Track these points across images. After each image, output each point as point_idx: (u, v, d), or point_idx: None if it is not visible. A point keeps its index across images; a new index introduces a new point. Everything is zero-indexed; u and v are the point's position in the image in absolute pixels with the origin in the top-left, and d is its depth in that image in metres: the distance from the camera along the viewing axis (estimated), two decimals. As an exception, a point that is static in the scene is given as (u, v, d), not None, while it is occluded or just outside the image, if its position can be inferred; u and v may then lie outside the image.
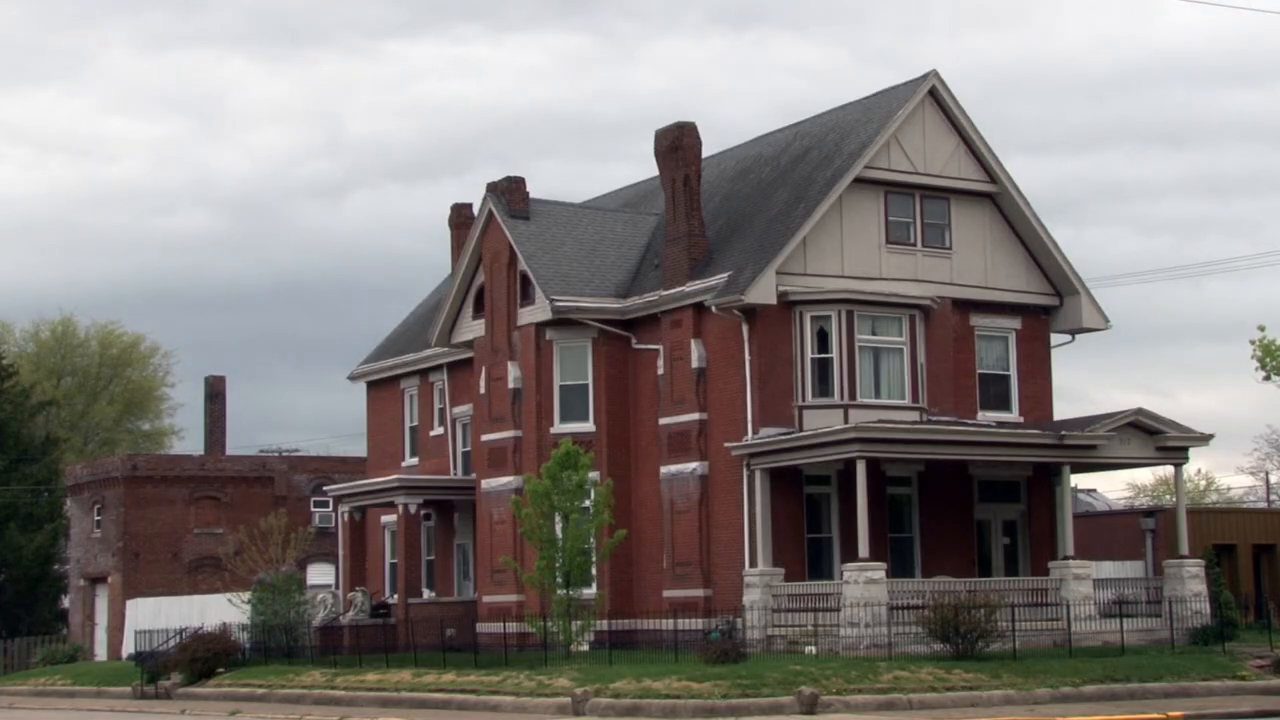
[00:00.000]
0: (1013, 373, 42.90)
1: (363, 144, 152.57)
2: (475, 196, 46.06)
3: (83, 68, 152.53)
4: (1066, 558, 38.53)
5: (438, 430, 50.91)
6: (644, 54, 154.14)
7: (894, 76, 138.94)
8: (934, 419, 39.81)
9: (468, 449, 48.53)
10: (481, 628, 43.55)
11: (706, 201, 43.80)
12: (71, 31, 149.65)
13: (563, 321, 43.32)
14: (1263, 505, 74.66)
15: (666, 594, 40.96)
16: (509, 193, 45.22)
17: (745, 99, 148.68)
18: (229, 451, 72.30)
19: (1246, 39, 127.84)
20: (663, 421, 42.03)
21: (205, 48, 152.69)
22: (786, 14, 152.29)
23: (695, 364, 41.07)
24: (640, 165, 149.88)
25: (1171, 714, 28.15)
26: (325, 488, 60.82)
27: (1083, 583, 38.00)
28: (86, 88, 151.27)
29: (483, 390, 45.50)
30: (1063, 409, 43.65)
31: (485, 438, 45.34)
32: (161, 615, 54.99)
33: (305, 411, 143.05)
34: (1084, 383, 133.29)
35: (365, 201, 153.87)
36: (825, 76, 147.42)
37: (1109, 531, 47.74)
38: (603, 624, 38.68)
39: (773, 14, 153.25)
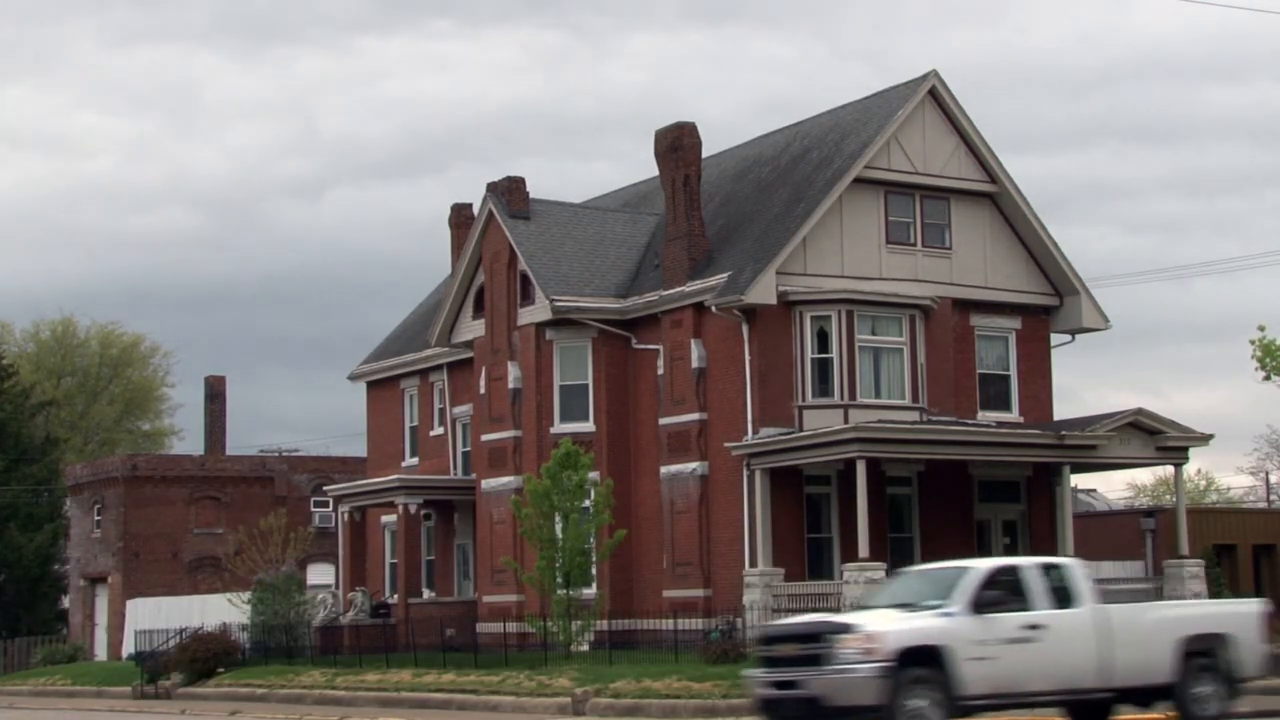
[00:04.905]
0: (1013, 373, 42.90)
1: (337, 141, 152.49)
2: (455, 194, 46.75)
3: (52, 63, 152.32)
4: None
5: (438, 430, 50.92)
6: (617, 50, 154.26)
7: (872, 73, 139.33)
8: (934, 419, 39.81)
9: (468, 449, 48.54)
10: (481, 628, 43.55)
11: (706, 201, 43.81)
12: (39, 26, 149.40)
13: (563, 321, 43.33)
14: (1263, 505, 74.68)
15: (666, 594, 40.96)
16: (509, 193, 45.23)
17: (723, 95, 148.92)
18: (228, 451, 72.33)
19: (1224, 35, 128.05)
20: (663, 421, 42.03)
21: (174, 43, 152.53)
22: (761, 9, 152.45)
23: (695, 364, 41.07)
24: (619, 163, 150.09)
25: (1171, 714, 28.13)
26: (325, 488, 60.79)
27: (1083, 583, 37.95)
28: (57, 84, 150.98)
29: (483, 390, 45.51)
30: (1057, 409, 43.69)
31: (485, 438, 45.35)
32: (161, 615, 54.98)
33: (293, 411, 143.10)
34: (1077, 382, 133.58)
35: (343, 199, 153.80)
36: (803, 72, 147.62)
37: (1109, 531, 47.73)
38: (603, 624, 38.66)
39: (747, 8, 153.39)
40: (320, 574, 60.39)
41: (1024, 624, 22.05)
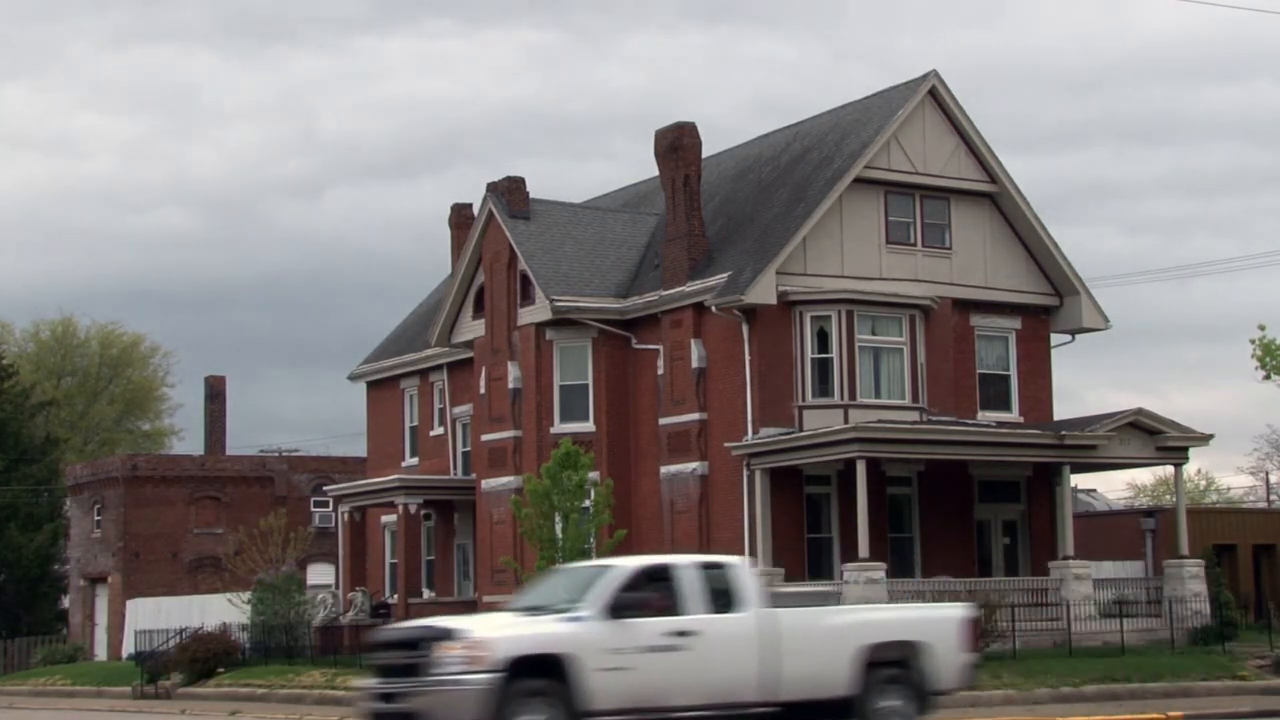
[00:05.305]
0: (1013, 373, 42.90)
1: (336, 141, 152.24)
2: (454, 194, 46.73)
3: (51, 63, 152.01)
4: (1066, 558, 38.52)
5: (438, 430, 50.92)
6: (616, 50, 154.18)
7: (872, 73, 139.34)
8: (934, 419, 39.81)
9: (468, 449, 48.54)
10: (481, 628, 43.50)
11: (706, 201, 43.81)
12: (37, 26, 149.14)
13: (563, 321, 43.33)
14: (1263, 505, 74.68)
15: (666, 594, 40.88)
16: (509, 193, 45.23)
17: (723, 95, 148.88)
18: (228, 451, 72.33)
19: (1223, 35, 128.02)
20: (663, 421, 42.03)
21: (172, 43, 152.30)
22: (761, 9, 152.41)
23: (695, 364, 41.07)
24: (619, 163, 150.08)
25: (1172, 714, 28.16)
26: (325, 488, 60.82)
27: (1083, 583, 37.99)
28: (56, 84, 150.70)
29: (483, 390, 45.51)
30: (1057, 409, 43.70)
31: (485, 438, 45.35)
32: (161, 615, 54.98)
33: (293, 411, 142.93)
34: (1077, 382, 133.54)
35: (342, 200, 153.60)
36: (803, 72, 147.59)
37: (1109, 531, 47.76)
38: (603, 624, 38.58)
39: (746, 8, 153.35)
40: (320, 574, 60.38)
41: (670, 630, 19.90)
